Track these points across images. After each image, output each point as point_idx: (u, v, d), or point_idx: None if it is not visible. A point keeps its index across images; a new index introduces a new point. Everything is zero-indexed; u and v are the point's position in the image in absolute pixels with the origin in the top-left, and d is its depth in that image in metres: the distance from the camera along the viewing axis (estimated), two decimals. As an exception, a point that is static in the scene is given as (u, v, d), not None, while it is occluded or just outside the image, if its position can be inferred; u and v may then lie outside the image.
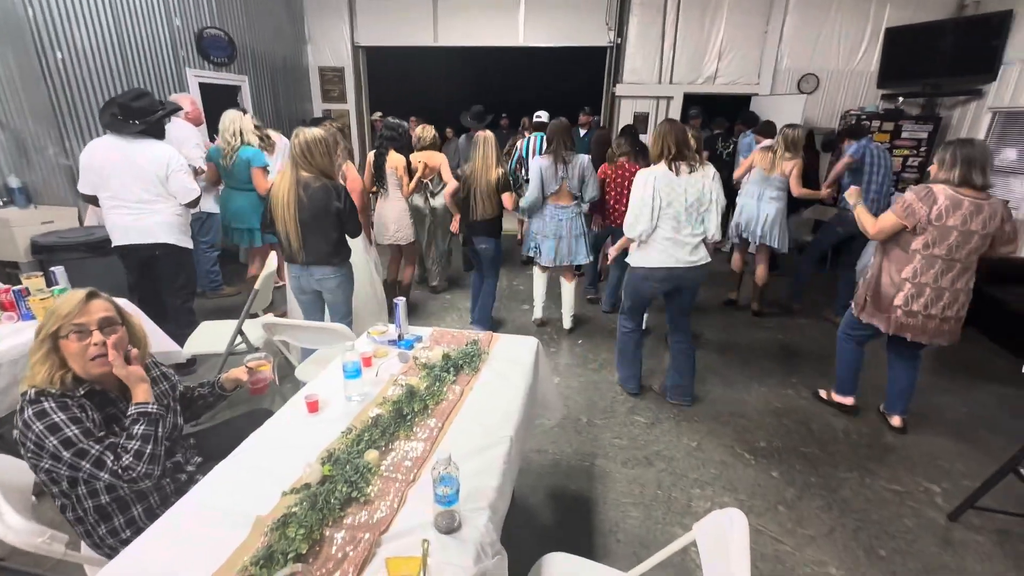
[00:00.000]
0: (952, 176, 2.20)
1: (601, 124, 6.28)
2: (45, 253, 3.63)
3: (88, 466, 1.20)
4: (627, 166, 3.73)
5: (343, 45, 6.87)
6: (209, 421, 1.95)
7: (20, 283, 2.57)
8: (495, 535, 1.15)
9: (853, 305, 2.64)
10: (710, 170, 2.54)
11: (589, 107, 6.26)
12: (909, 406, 2.69)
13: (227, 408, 2.65)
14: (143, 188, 2.84)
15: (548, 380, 2.06)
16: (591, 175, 3.42)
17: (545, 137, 3.60)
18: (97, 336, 1.29)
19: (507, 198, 3.33)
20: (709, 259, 2.62)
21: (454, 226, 3.77)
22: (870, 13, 5.55)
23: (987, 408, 2.97)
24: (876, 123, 5.43)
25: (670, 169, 2.50)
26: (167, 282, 3.09)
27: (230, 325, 2.68)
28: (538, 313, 3.91)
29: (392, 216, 3.85)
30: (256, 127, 3.79)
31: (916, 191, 2.27)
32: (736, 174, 4.10)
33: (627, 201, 2.68)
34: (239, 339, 2.62)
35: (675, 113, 6.26)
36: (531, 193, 3.42)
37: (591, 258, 3.71)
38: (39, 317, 2.14)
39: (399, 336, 1.99)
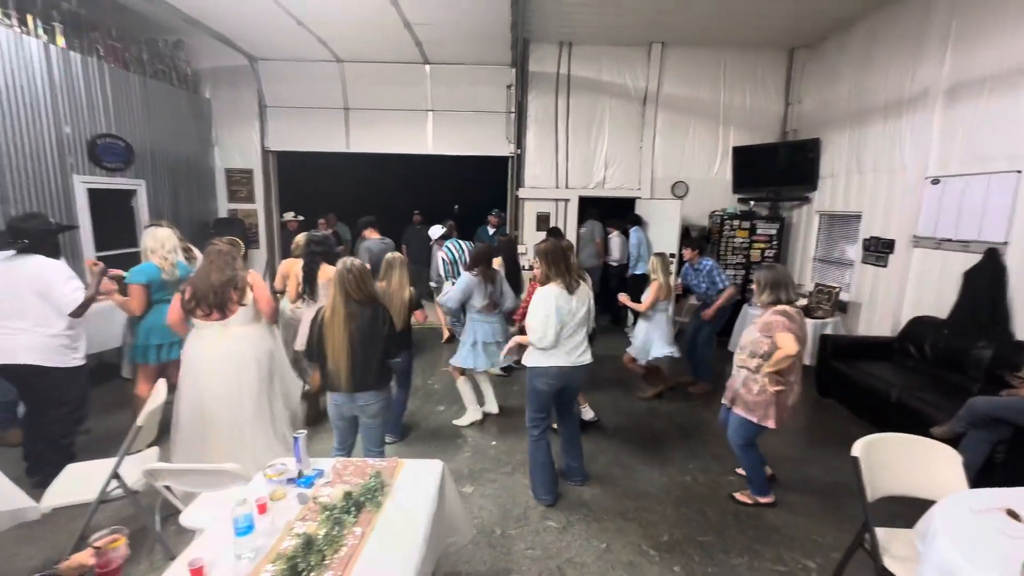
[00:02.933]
0: (775, 297, 2.73)
1: (508, 231, 6.87)
2: None
3: None
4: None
5: (253, 149, 6.96)
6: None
7: None
8: None
9: (747, 415, 2.85)
10: (588, 281, 2.95)
11: (497, 209, 6.81)
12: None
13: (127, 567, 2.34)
14: (23, 306, 2.80)
15: (456, 502, 2.09)
16: (507, 288, 3.93)
17: (471, 257, 4.03)
18: None
19: (418, 314, 3.55)
20: (591, 359, 2.99)
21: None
22: (719, 135, 6.77)
23: (846, 475, 3.37)
24: (736, 222, 6.42)
25: (567, 290, 2.82)
26: (41, 408, 2.95)
27: (103, 467, 2.42)
28: (477, 415, 4.07)
29: None
30: (180, 239, 3.73)
31: (782, 318, 2.69)
32: (644, 306, 4.32)
33: None
34: (114, 483, 2.36)
35: (572, 213, 6.96)
36: (452, 302, 3.80)
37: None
38: None
39: (299, 473, 1.94)
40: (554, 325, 2.75)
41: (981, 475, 2.86)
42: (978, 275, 3.95)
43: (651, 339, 4.36)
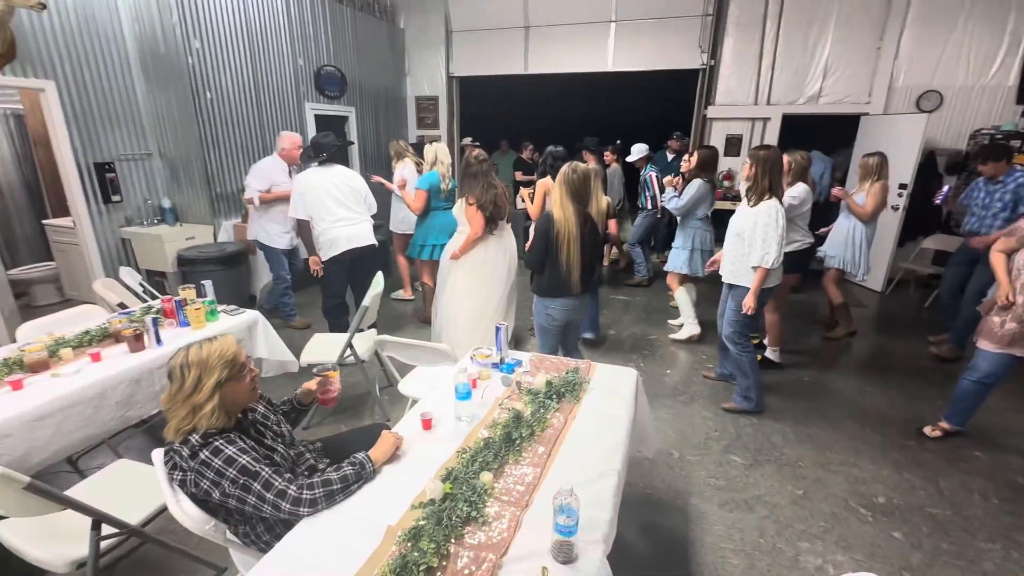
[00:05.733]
0: None
1: (697, 146, 6.20)
2: (188, 265, 4.19)
3: (272, 496, 1.28)
4: None
5: (439, 76, 7.32)
6: (332, 430, 2.12)
7: (166, 292, 2.99)
8: (610, 571, 1.16)
9: None
10: None
11: (679, 132, 6.17)
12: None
13: (350, 419, 2.92)
14: (354, 202, 3.46)
15: (646, 412, 2.04)
16: None
17: (698, 163, 3.83)
18: (254, 368, 1.47)
19: (613, 224, 3.49)
20: None
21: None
22: (1008, 24, 4.98)
23: None
24: (1016, 143, 4.82)
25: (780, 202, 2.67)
26: (368, 276, 3.48)
27: (339, 339, 2.92)
28: (695, 329, 4.03)
29: None
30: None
31: None
32: (868, 211, 3.72)
33: None
34: (348, 351, 2.83)
35: (772, 135, 5.97)
36: (685, 206, 3.73)
37: None
38: (193, 324, 2.47)
39: (500, 360, 2.07)
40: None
41: None
42: None
43: (862, 250, 3.79)
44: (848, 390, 3.35)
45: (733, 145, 6.14)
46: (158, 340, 2.26)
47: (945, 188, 3.95)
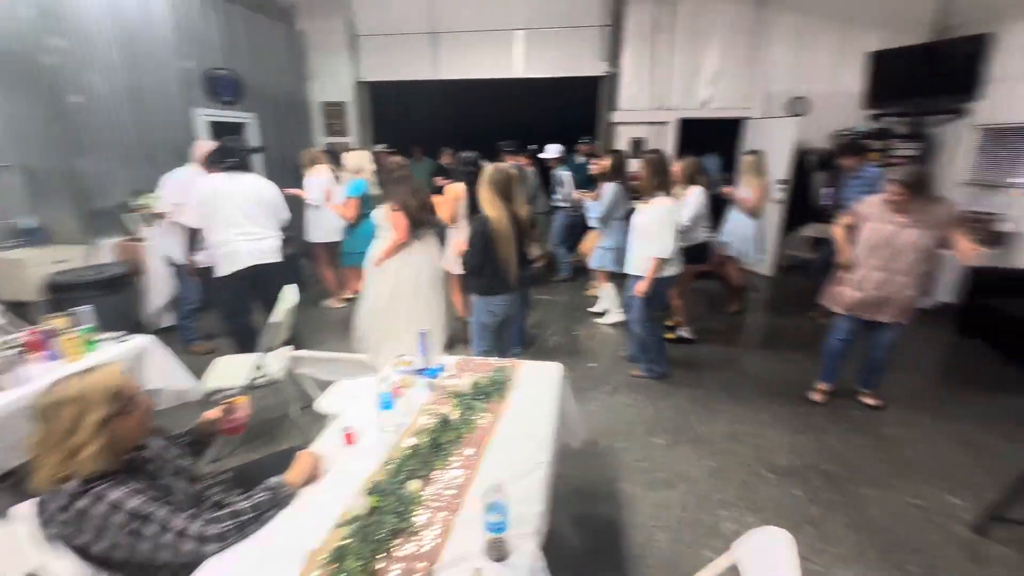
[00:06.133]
0: None
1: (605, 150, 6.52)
2: (60, 292, 3.66)
3: (170, 538, 1.15)
4: None
5: (345, 80, 7.06)
6: (243, 459, 1.95)
7: (36, 323, 2.60)
8: (543, 561, 1.17)
9: (905, 319, 2.81)
10: None
11: (588, 136, 6.44)
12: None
13: (264, 446, 2.71)
14: (263, 215, 3.21)
15: (571, 404, 2.09)
16: None
17: (612, 167, 4.13)
18: (145, 399, 1.29)
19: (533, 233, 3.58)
20: None
21: None
22: (853, 37, 5.78)
23: (995, 419, 2.98)
24: (866, 142, 5.58)
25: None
26: (275, 293, 3.04)
27: (248, 359, 2.69)
28: (622, 316, 4.20)
29: None
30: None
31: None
32: (752, 201, 4.26)
33: None
34: (258, 372, 2.62)
35: (670, 137, 6.43)
36: (605, 210, 4.03)
37: None
38: (68, 356, 2.16)
39: (424, 366, 2.02)
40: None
41: None
42: None
43: (750, 242, 4.29)
44: (750, 367, 3.68)
45: (637, 147, 6.52)
46: (22, 379, 1.95)
47: (825, 191, 4.58)
